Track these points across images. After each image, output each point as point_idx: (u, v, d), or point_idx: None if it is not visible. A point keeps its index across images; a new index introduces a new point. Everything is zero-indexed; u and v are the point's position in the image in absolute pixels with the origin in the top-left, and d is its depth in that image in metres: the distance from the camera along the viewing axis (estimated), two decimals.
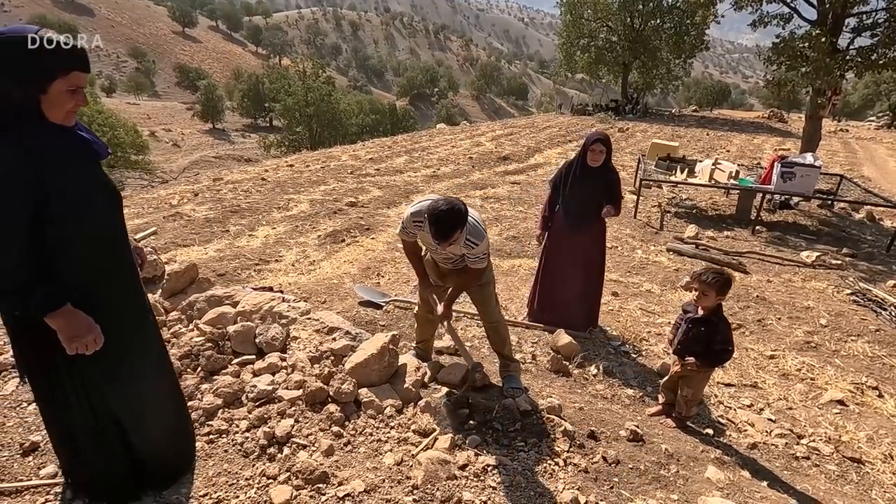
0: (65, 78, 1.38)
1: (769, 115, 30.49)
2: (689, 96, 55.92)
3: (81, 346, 1.49)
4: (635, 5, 28.81)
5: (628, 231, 6.98)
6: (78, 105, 1.45)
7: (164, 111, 49.94)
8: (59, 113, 1.42)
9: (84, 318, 1.49)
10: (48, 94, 1.38)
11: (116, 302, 1.66)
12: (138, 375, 1.74)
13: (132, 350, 1.71)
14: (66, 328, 1.46)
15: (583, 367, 3.40)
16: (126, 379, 1.70)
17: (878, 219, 8.75)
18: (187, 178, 12.38)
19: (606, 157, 3.51)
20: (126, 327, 1.68)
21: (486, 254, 2.49)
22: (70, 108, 1.44)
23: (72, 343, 1.47)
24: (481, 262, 2.49)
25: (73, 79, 1.40)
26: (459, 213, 2.17)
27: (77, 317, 1.48)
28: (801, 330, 4.42)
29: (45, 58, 1.35)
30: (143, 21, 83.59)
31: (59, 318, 1.44)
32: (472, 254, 2.41)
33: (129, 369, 1.70)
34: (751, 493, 2.29)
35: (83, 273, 1.54)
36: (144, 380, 1.76)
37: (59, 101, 1.40)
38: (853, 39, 9.43)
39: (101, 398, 1.66)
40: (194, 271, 3.45)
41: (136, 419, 1.75)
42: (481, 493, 1.97)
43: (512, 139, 16.60)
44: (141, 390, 1.75)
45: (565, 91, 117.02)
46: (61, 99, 1.40)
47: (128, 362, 1.70)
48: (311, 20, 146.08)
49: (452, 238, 2.20)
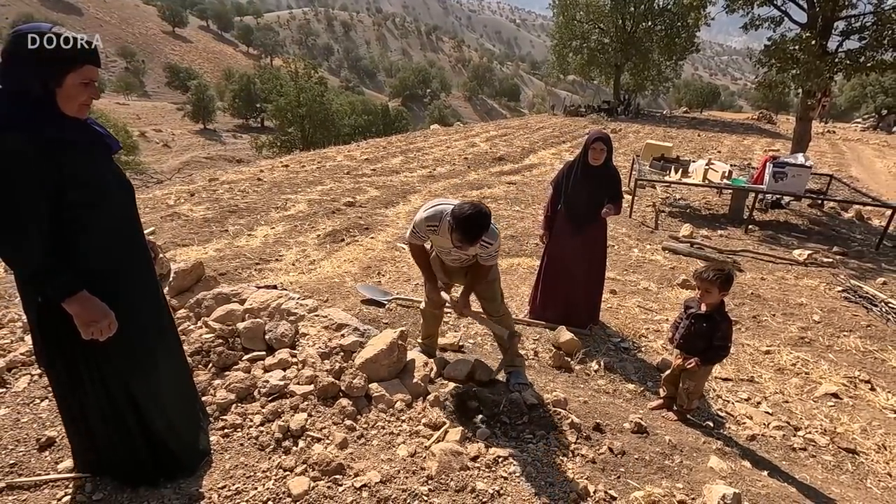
0: (78, 71, 1.45)
1: (758, 117, 30.91)
2: (679, 98, 56.46)
3: (97, 331, 1.54)
4: (627, 7, 29.09)
5: (624, 230, 7.07)
6: (91, 98, 1.52)
7: (155, 111, 49.52)
8: (74, 105, 1.49)
9: (99, 305, 1.55)
10: (63, 88, 1.44)
11: (134, 291, 1.71)
12: (156, 362, 1.79)
13: (149, 337, 1.76)
14: (82, 313, 1.51)
15: (584, 363, 3.46)
16: (145, 365, 1.75)
17: (866, 218, 8.93)
18: (181, 178, 12.30)
19: (607, 155, 3.57)
20: (143, 316, 1.74)
21: (497, 253, 2.55)
22: (83, 101, 1.50)
23: (88, 328, 1.53)
24: (492, 259, 2.55)
25: (86, 72, 1.47)
26: (486, 216, 2.23)
27: (92, 303, 1.53)
28: (795, 326, 4.52)
29: (61, 52, 1.42)
30: (131, 20, 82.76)
31: (75, 304, 1.50)
32: (485, 253, 2.47)
33: (147, 356, 1.76)
34: (752, 482, 2.36)
35: (100, 261, 1.60)
36: (162, 366, 1.82)
37: (74, 94, 1.47)
38: (842, 42, 9.62)
39: (121, 384, 1.71)
40: (201, 269, 3.46)
41: (155, 404, 1.79)
42: (494, 482, 2.02)
43: (506, 140, 16.69)
44: (159, 376, 1.80)
45: (557, 92, 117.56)
46: (75, 91, 1.47)
47: (146, 349, 1.75)
48: (302, 20, 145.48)
49: (479, 240, 2.25)
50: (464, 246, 2.27)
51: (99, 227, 1.57)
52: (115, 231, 1.64)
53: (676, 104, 55.23)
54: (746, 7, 10.23)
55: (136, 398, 1.74)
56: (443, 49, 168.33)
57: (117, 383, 1.70)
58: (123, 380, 1.71)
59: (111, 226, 1.62)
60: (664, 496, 2.08)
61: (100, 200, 1.56)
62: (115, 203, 1.63)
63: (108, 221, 1.60)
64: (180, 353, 2.02)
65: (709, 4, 10.89)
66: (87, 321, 1.52)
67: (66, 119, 1.49)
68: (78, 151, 1.50)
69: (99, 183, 1.56)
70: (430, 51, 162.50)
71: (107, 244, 1.61)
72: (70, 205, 1.48)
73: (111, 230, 1.62)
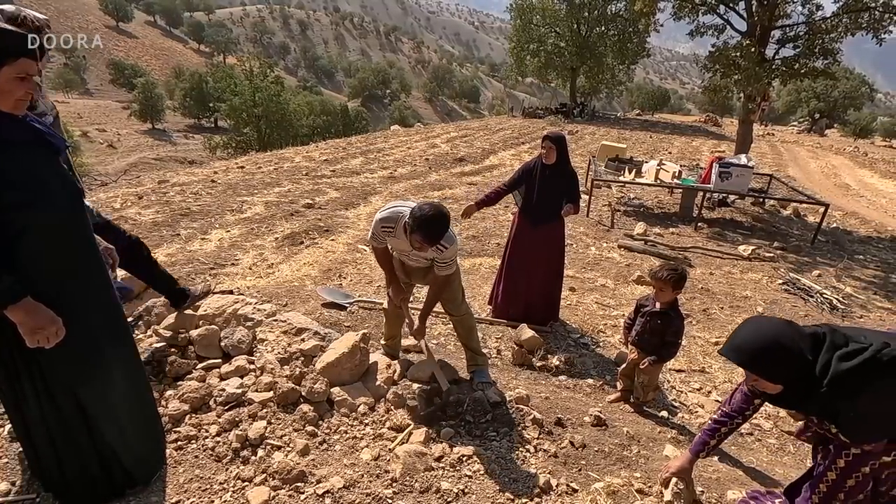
0: (13, 65, 1.36)
1: (705, 119, 32.48)
2: (632, 101, 58.59)
3: (43, 338, 1.46)
4: (581, 13, 29.95)
5: (582, 229, 7.26)
6: (28, 94, 1.43)
7: (98, 110, 46.92)
8: (9, 101, 1.39)
9: (45, 311, 1.46)
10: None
11: (81, 294, 1.62)
12: (109, 369, 1.70)
13: (100, 343, 1.67)
14: (27, 320, 1.42)
15: (546, 359, 3.53)
16: (95, 372, 1.66)
17: (802, 215, 9.54)
18: (128, 180, 11.71)
19: (560, 155, 3.65)
20: (93, 320, 1.65)
21: (453, 259, 2.53)
22: (20, 97, 1.41)
23: (34, 336, 1.44)
24: (449, 268, 2.53)
25: (22, 65, 1.38)
26: (446, 216, 2.22)
27: (38, 309, 1.45)
28: (741, 318, 4.76)
29: None
30: (70, 13, 78.01)
31: (19, 311, 1.41)
32: (441, 258, 2.45)
33: (97, 363, 1.67)
34: (704, 467, 2.46)
35: (42, 264, 1.51)
36: (115, 374, 1.73)
37: (8, 89, 1.37)
38: (778, 50, 10.25)
39: (68, 393, 1.61)
40: None
41: (107, 415, 1.70)
42: (458, 481, 2.02)
43: (466, 141, 16.81)
44: (112, 385, 1.71)
45: (516, 94, 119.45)
46: (10, 86, 1.37)
47: (96, 356, 1.66)
48: (256, 18, 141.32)
49: (441, 240, 2.23)
50: (423, 247, 2.26)
51: (40, 229, 1.48)
52: (58, 233, 1.54)
53: (630, 107, 57.26)
54: (692, 15, 10.73)
55: (85, 408, 1.64)
56: (402, 50, 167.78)
57: (64, 392, 1.61)
58: (71, 388, 1.61)
59: (54, 228, 1.52)
60: (623, 486, 2.14)
61: (40, 201, 1.46)
62: (57, 205, 1.52)
63: (52, 223, 1.51)
64: (136, 362, 1.91)
65: (657, 11, 11.35)
66: (33, 328, 1.43)
67: (1, 116, 1.40)
68: (14, 148, 1.41)
69: (39, 183, 1.46)
70: (389, 51, 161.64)
71: (48, 247, 1.51)
72: (7, 204, 1.39)
73: (54, 232, 1.52)
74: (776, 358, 1.56)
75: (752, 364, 1.60)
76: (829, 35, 9.84)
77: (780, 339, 1.56)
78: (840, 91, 39.70)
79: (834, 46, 9.92)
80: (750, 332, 1.62)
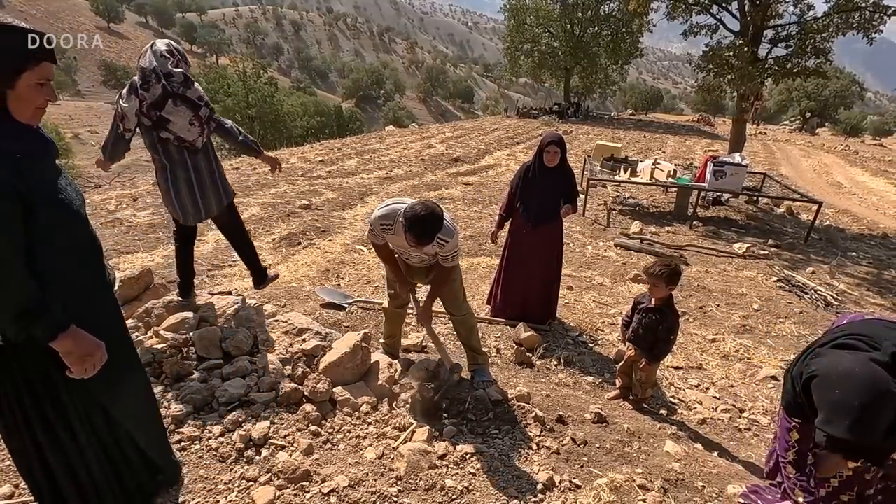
0: (34, 69, 1.25)
1: (698, 119, 32.69)
2: (625, 100, 58.82)
3: (90, 366, 1.35)
4: (575, 13, 30.07)
5: (578, 228, 7.29)
6: (47, 101, 1.31)
7: (89, 112, 46.58)
8: (28, 110, 1.28)
9: (89, 337, 1.35)
10: (16, 89, 1.23)
11: (104, 312, 1.53)
12: (122, 375, 1.60)
13: (122, 357, 1.58)
14: (76, 349, 1.31)
15: (545, 357, 3.55)
16: (113, 380, 1.55)
17: (796, 213, 9.63)
18: (122, 182, 11.63)
19: (562, 156, 3.68)
20: (115, 334, 1.55)
21: (456, 252, 2.55)
22: (39, 105, 1.30)
23: (82, 365, 1.33)
24: (453, 259, 2.55)
25: (44, 70, 1.27)
26: (438, 216, 2.22)
27: (83, 335, 1.33)
28: (737, 315, 4.80)
29: (13, 47, 1.21)
30: (60, 14, 77.43)
31: (68, 340, 1.29)
32: (443, 252, 2.46)
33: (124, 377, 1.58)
34: (704, 462, 2.49)
35: (74, 286, 1.39)
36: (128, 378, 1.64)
37: (29, 97, 1.26)
38: (771, 49, 10.35)
39: (97, 407, 1.52)
40: (149, 277, 3.29)
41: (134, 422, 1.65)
42: (462, 479, 2.03)
43: (462, 141, 16.83)
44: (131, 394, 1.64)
45: (510, 94, 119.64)
46: (30, 94, 1.26)
47: (121, 370, 1.57)
48: (249, 18, 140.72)
49: (433, 240, 2.24)
50: (418, 246, 2.27)
51: (72, 249, 1.38)
52: (85, 250, 1.44)
53: (623, 107, 57.53)
54: (685, 15, 10.81)
55: (113, 419, 1.56)
56: (396, 50, 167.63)
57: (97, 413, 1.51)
58: (98, 401, 1.51)
59: (82, 246, 1.42)
60: (625, 481, 2.16)
61: (71, 219, 1.35)
62: (81, 218, 1.41)
63: (80, 241, 1.41)
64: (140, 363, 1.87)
65: (651, 11, 11.43)
66: (82, 356, 1.32)
67: (20, 127, 1.26)
68: (40, 164, 1.29)
69: (66, 198, 1.35)
70: (382, 52, 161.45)
71: (74, 264, 1.40)
72: (40, 228, 1.26)
73: (82, 249, 1.42)
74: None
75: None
76: (821, 35, 9.94)
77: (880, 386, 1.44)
78: (831, 90, 40.09)
79: (825, 46, 10.04)
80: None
